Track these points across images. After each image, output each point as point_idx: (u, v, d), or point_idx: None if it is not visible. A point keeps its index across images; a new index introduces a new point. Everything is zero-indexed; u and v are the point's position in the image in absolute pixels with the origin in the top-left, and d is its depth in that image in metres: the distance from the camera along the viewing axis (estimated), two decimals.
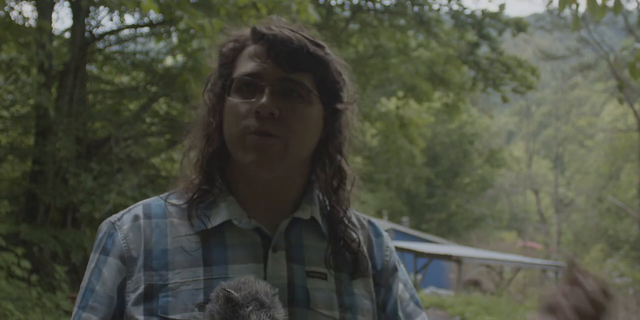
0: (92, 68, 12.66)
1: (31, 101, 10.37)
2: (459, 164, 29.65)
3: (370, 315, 1.18)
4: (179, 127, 12.91)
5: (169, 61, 12.65)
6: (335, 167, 1.20)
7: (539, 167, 39.64)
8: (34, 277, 8.80)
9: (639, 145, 26.35)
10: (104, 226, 1.19)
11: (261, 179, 1.15)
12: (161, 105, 12.97)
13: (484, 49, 16.90)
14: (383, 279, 1.24)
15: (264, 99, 1.11)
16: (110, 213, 11.22)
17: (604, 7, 3.57)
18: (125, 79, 13.14)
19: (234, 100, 1.15)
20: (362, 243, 1.22)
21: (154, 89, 11.95)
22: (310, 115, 1.15)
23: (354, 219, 1.24)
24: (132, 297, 1.11)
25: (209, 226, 1.14)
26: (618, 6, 3.57)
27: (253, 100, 1.12)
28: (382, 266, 1.25)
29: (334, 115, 1.19)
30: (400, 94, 18.72)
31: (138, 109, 12.18)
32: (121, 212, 1.21)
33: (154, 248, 1.13)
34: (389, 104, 19.95)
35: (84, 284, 1.16)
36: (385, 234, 1.30)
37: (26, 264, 8.64)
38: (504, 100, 17.03)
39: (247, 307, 0.95)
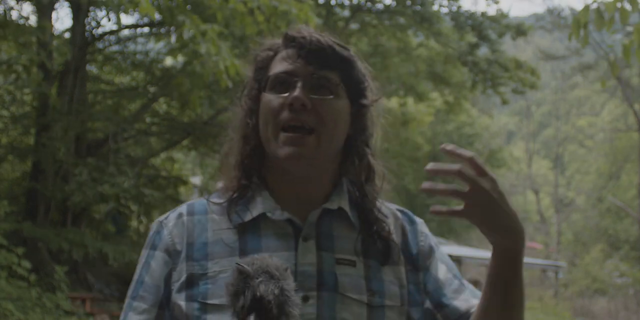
0: (92, 68, 12.65)
1: (30, 99, 10.36)
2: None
3: (398, 299, 1.25)
4: (179, 127, 12.98)
5: (168, 61, 12.65)
6: (364, 162, 1.29)
7: (539, 167, 39.63)
8: (33, 277, 8.80)
9: (639, 145, 26.34)
10: (154, 226, 1.32)
11: (294, 173, 1.24)
12: (161, 105, 12.97)
13: (484, 50, 16.87)
14: (420, 262, 1.31)
15: (296, 92, 1.21)
16: (110, 213, 11.22)
17: (611, 20, 3.56)
18: (125, 79, 13.13)
19: (268, 95, 1.25)
20: (394, 232, 1.30)
21: (153, 89, 11.94)
22: (339, 108, 1.24)
23: (384, 210, 1.31)
24: (176, 285, 1.22)
25: (246, 219, 1.25)
26: (625, 15, 3.54)
27: (286, 95, 1.22)
28: (417, 251, 1.32)
29: (360, 111, 1.28)
30: (401, 93, 18.72)
31: (138, 109, 12.18)
32: (168, 212, 1.33)
33: (196, 241, 1.25)
34: (389, 104, 19.93)
35: (135, 277, 1.28)
36: (419, 221, 1.37)
37: (26, 263, 8.64)
38: (504, 102, 17.02)
39: (257, 278, 1.03)
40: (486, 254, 20.11)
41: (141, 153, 12.28)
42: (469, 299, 1.29)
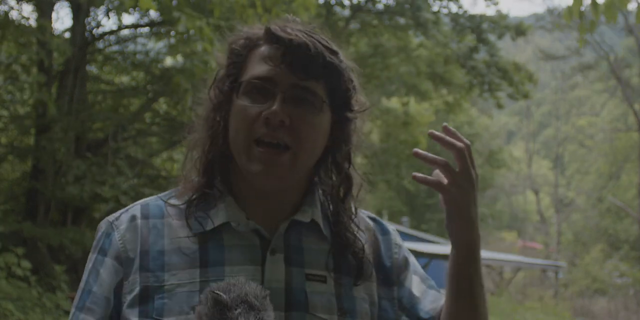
0: (92, 68, 12.65)
1: (30, 100, 10.37)
2: None
3: (369, 318, 1.17)
4: (179, 127, 12.98)
5: (168, 61, 12.65)
6: (344, 175, 1.19)
7: (539, 167, 39.60)
8: (33, 277, 8.80)
9: (639, 145, 26.34)
10: (102, 225, 1.19)
11: (263, 188, 1.14)
12: (161, 105, 12.97)
13: (483, 53, 16.89)
14: (394, 276, 1.23)
15: (275, 106, 1.08)
16: (109, 213, 11.26)
17: (609, 6, 3.60)
18: (125, 79, 13.13)
19: (243, 103, 1.12)
20: (368, 247, 1.21)
21: (153, 88, 11.94)
22: (320, 124, 1.13)
23: (360, 223, 1.22)
24: (128, 298, 1.10)
25: (207, 228, 1.13)
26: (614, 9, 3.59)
27: (263, 105, 1.10)
28: (391, 264, 1.23)
29: (343, 124, 1.17)
30: (402, 92, 18.73)
31: (138, 108, 12.19)
32: (119, 212, 1.20)
33: (151, 249, 1.12)
34: (389, 104, 19.94)
35: (81, 284, 1.15)
36: (392, 231, 1.28)
37: (26, 264, 8.64)
38: (499, 106, 17.06)
39: (236, 309, 0.94)
40: (486, 254, 20.10)
41: (141, 153, 12.26)
42: None
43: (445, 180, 1.10)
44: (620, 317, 18.39)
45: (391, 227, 1.29)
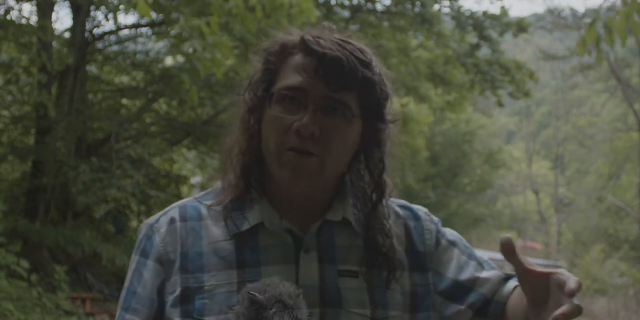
0: (92, 68, 12.65)
1: (31, 101, 10.37)
2: (458, 164, 29.62)
3: (401, 308, 1.18)
4: (178, 127, 12.92)
5: (168, 61, 12.64)
6: (376, 181, 1.21)
7: (539, 167, 39.59)
8: (34, 277, 8.80)
9: (639, 145, 26.33)
10: (142, 228, 1.23)
11: (294, 191, 1.16)
12: (161, 105, 12.97)
13: (484, 51, 16.88)
14: (427, 262, 1.24)
15: (305, 119, 1.10)
16: (110, 213, 11.19)
17: (623, 35, 3.59)
18: (125, 79, 13.13)
19: (275, 113, 1.13)
20: (398, 238, 1.22)
21: (153, 88, 11.94)
22: (350, 134, 1.15)
23: (390, 217, 1.23)
24: (170, 298, 1.14)
25: (243, 229, 1.16)
26: (636, 29, 3.56)
27: (295, 116, 1.11)
28: (424, 250, 1.25)
29: (375, 131, 1.18)
30: (402, 93, 18.70)
31: (138, 109, 12.19)
32: (158, 214, 1.24)
33: (190, 251, 1.16)
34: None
35: (125, 284, 1.19)
36: (423, 216, 1.29)
37: (25, 263, 8.64)
38: (499, 104, 17.04)
39: (271, 309, 0.99)
40: (486, 254, 20.08)
41: (147, 154, 12.25)
42: (490, 277, 1.25)
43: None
44: (620, 317, 18.39)
45: (422, 211, 1.30)
